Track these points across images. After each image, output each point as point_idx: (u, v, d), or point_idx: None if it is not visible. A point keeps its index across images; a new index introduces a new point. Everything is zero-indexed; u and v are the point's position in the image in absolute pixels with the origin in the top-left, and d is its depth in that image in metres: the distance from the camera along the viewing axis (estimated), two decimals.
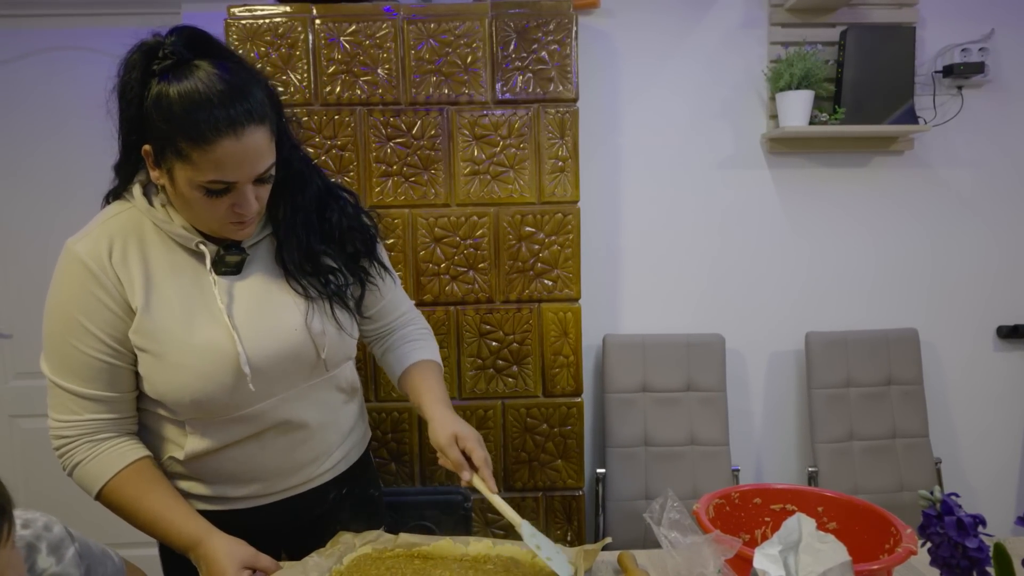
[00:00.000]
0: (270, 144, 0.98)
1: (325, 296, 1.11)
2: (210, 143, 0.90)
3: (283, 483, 1.15)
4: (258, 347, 1.04)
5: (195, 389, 1.01)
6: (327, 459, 1.19)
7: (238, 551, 1.01)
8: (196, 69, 0.92)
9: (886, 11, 2.30)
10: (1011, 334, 2.44)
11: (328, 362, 1.12)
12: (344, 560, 1.06)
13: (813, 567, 0.75)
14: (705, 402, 2.28)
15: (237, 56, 1.00)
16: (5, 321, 2.48)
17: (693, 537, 0.85)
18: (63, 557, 0.84)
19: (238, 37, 1.87)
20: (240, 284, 1.06)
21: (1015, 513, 2.50)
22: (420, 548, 1.09)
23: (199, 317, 1.02)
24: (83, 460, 1.02)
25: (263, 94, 0.96)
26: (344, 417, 1.22)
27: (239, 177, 0.95)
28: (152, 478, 1.05)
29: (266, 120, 0.95)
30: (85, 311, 0.99)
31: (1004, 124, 2.39)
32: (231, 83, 0.92)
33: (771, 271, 2.41)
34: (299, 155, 1.09)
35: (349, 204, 1.16)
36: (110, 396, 1.03)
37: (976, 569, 0.80)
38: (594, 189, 2.31)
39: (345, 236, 1.14)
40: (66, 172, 2.42)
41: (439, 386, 1.22)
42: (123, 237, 1.02)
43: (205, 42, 0.96)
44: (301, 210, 1.09)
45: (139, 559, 1.06)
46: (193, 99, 0.90)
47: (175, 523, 1.02)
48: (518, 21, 1.90)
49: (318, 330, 1.09)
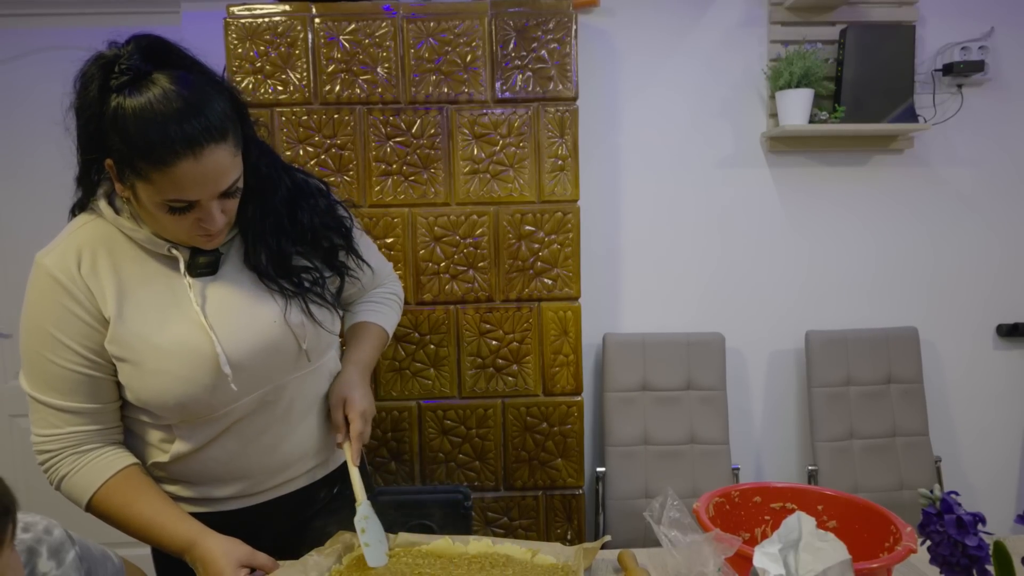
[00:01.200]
0: (233, 159, 0.95)
1: (299, 294, 1.09)
2: (168, 164, 0.88)
3: (270, 481, 1.14)
4: (236, 344, 1.02)
5: (177, 393, 1.00)
6: (313, 456, 1.18)
7: (234, 550, 0.99)
8: (153, 85, 0.88)
9: (886, 9, 2.29)
10: (1011, 332, 2.44)
11: (310, 352, 1.11)
12: (344, 560, 1.06)
13: (813, 565, 0.75)
14: (705, 401, 2.28)
15: (199, 64, 0.96)
16: (5, 321, 2.48)
17: (693, 536, 0.85)
18: (63, 561, 0.84)
19: (237, 36, 1.87)
20: (214, 284, 1.05)
21: (1015, 511, 2.50)
22: (419, 547, 1.09)
23: (174, 321, 1.01)
24: (69, 472, 1.02)
25: (225, 105, 0.93)
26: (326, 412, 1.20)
27: (200, 195, 0.93)
28: (140, 484, 1.03)
29: (227, 135, 0.92)
30: (58, 324, 0.98)
31: (1004, 122, 2.39)
32: (188, 99, 0.88)
33: (771, 270, 2.41)
34: (267, 159, 1.07)
35: (321, 199, 1.14)
36: (91, 408, 1.02)
37: (976, 567, 0.80)
38: (594, 188, 2.31)
39: (319, 234, 1.13)
40: (65, 172, 2.41)
41: (365, 347, 1.24)
42: (92, 247, 1.01)
43: (164, 51, 0.92)
44: (270, 214, 1.07)
45: (139, 558, 1.06)
46: (148, 118, 0.87)
47: (167, 527, 1.01)
48: (518, 20, 1.90)
49: (296, 321, 1.08)
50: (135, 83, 0.88)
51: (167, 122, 0.87)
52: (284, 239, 1.08)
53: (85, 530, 0.91)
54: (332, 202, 1.18)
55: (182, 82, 0.89)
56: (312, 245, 1.13)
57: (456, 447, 1.99)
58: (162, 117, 0.87)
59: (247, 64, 1.87)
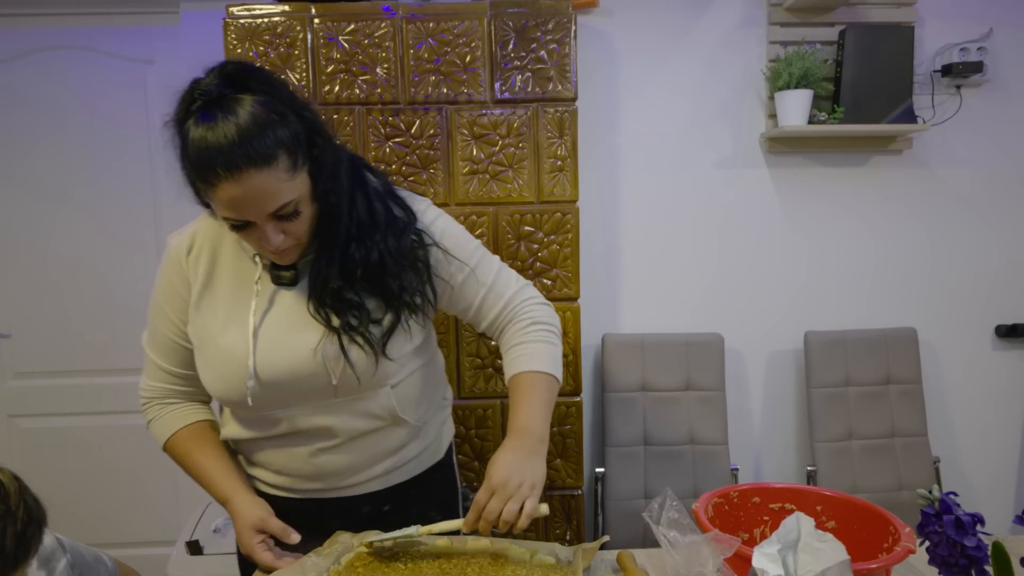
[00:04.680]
0: (284, 183, 0.96)
1: (339, 330, 1.07)
2: (212, 186, 0.93)
3: (307, 485, 1.17)
4: (269, 362, 1.07)
5: (217, 389, 1.11)
6: (355, 475, 1.17)
7: (251, 514, 1.08)
8: (219, 109, 0.92)
9: (885, 10, 2.30)
10: (1009, 333, 2.45)
11: (339, 388, 1.09)
12: (342, 560, 1.06)
13: (812, 566, 0.75)
14: (704, 401, 2.28)
15: (278, 89, 0.98)
16: (4, 321, 2.48)
17: (692, 536, 0.85)
18: (54, 570, 0.84)
19: (237, 37, 1.87)
20: (282, 297, 1.09)
21: (1013, 512, 2.50)
22: (418, 547, 1.10)
23: (234, 323, 1.08)
24: (153, 419, 1.18)
25: (286, 131, 0.95)
26: (381, 442, 1.17)
27: (249, 217, 0.97)
28: (202, 438, 1.17)
29: (273, 161, 0.94)
30: (165, 296, 1.13)
31: (1003, 123, 2.39)
32: (241, 125, 0.92)
33: (770, 270, 2.41)
34: (339, 187, 1.05)
35: (392, 235, 1.08)
36: (181, 373, 1.16)
37: (974, 568, 0.80)
38: (593, 188, 2.31)
39: (376, 273, 1.07)
40: (65, 172, 2.42)
41: (519, 410, 1.08)
42: (202, 239, 1.12)
43: (245, 75, 0.96)
44: (329, 245, 1.06)
45: (135, 559, 1.06)
46: (200, 142, 0.92)
47: (214, 479, 1.14)
48: (517, 20, 1.90)
49: (331, 355, 1.07)
50: (206, 108, 0.93)
51: (213, 146, 0.91)
52: (335, 271, 1.07)
53: (81, 530, 0.91)
54: (407, 233, 1.10)
55: (243, 107, 0.93)
56: (370, 282, 1.08)
57: (456, 447, 1.99)
58: (212, 142, 0.91)
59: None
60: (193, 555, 1.97)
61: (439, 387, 1.30)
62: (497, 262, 1.20)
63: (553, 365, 1.13)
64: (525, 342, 1.14)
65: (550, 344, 1.15)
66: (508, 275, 1.20)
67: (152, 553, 2.32)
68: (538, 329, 1.15)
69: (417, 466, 1.24)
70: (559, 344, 1.17)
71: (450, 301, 1.19)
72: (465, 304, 1.18)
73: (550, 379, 1.12)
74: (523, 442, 1.04)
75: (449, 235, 1.16)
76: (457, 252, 1.16)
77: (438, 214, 1.18)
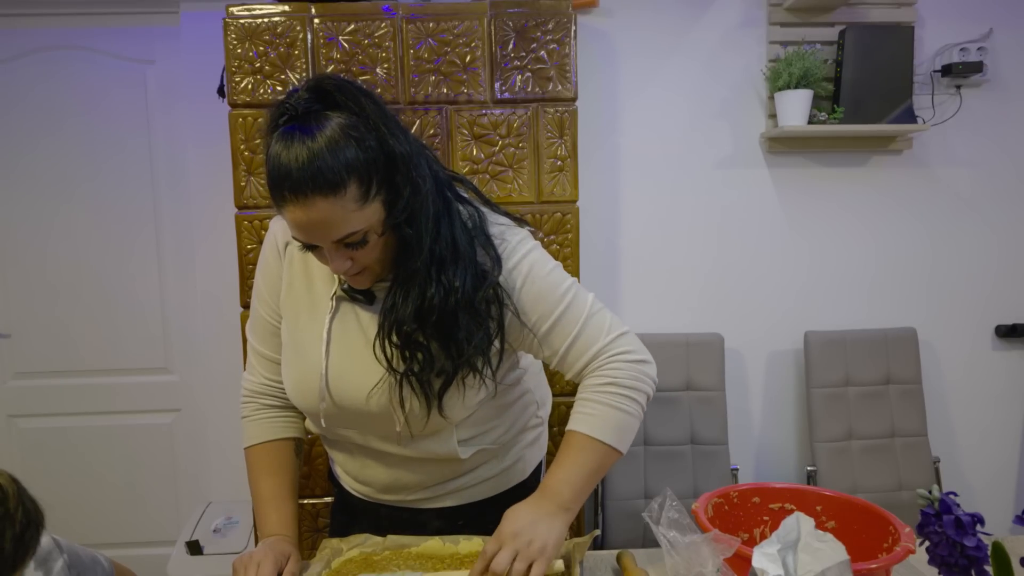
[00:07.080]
0: (352, 212, 0.90)
1: (397, 372, 1.01)
2: (281, 208, 0.91)
3: (377, 492, 1.18)
4: (340, 393, 1.07)
5: (294, 395, 1.11)
6: (423, 491, 1.16)
7: (265, 559, 1.02)
8: (299, 129, 0.89)
9: (885, 10, 2.30)
10: (1009, 333, 2.45)
11: (403, 434, 1.08)
12: (332, 563, 1.06)
13: (812, 566, 0.75)
14: (704, 401, 2.28)
15: (366, 107, 0.92)
16: (4, 321, 2.48)
17: (692, 536, 0.85)
18: (51, 570, 0.84)
19: (237, 37, 1.87)
20: (358, 314, 1.06)
21: (1013, 512, 2.50)
22: (409, 549, 1.09)
23: (304, 328, 1.09)
24: (247, 416, 1.18)
25: (362, 156, 0.89)
26: (452, 466, 1.15)
27: (314, 241, 0.93)
28: (276, 462, 1.16)
29: (341, 188, 0.88)
30: (265, 277, 1.13)
31: (1003, 123, 2.39)
32: (314, 148, 0.87)
33: (770, 270, 2.41)
34: (417, 221, 0.96)
35: (468, 281, 0.99)
36: (279, 360, 1.15)
37: (974, 568, 0.80)
38: (593, 188, 2.30)
39: (445, 319, 0.99)
40: (65, 172, 2.42)
41: (555, 469, 1.03)
42: None
43: (333, 91, 0.91)
44: (405, 281, 0.99)
45: (131, 560, 1.06)
46: (275, 159, 0.89)
47: (261, 511, 1.14)
48: (517, 20, 1.90)
49: (386, 401, 1.04)
50: (290, 121, 0.90)
51: (283, 168, 0.88)
52: (410, 312, 0.99)
53: (79, 531, 0.91)
54: (484, 283, 1.00)
55: (324, 126, 0.89)
56: (435, 327, 1.00)
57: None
58: (284, 163, 0.88)
59: (246, 64, 1.87)
60: (193, 555, 1.97)
61: (525, 410, 1.22)
62: (588, 306, 1.06)
63: (614, 434, 1.02)
64: (593, 401, 1.04)
65: (619, 411, 1.03)
66: (600, 322, 1.07)
67: (152, 553, 2.32)
68: (613, 392, 1.04)
69: (496, 485, 1.20)
70: (634, 412, 1.05)
71: (534, 348, 1.09)
72: (550, 352, 1.07)
73: (604, 448, 1.02)
74: (545, 503, 0.99)
75: (533, 278, 1.04)
76: (541, 301, 1.04)
77: (526, 253, 1.05)
